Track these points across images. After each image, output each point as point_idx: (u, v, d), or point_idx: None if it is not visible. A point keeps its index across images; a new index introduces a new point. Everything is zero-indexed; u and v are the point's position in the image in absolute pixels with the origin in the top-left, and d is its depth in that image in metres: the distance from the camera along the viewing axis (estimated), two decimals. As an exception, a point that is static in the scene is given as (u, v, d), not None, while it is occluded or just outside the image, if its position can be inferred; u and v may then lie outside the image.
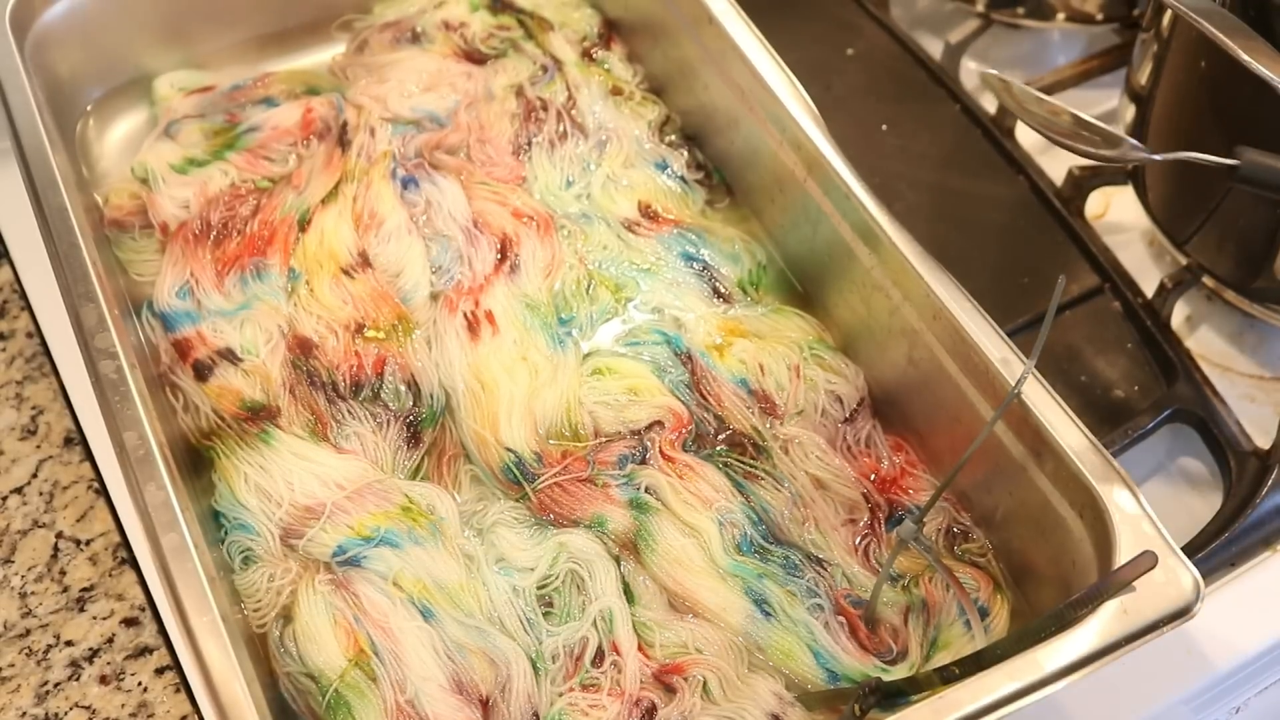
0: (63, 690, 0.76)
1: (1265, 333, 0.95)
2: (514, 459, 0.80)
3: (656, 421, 0.82)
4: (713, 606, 0.75)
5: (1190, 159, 0.75)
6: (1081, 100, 1.09)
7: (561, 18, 1.08)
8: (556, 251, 0.91)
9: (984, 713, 0.61)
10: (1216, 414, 0.88)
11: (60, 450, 0.85)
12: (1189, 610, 0.64)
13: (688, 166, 0.99)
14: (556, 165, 0.96)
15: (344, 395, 0.83)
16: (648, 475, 0.80)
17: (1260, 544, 0.83)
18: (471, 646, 0.73)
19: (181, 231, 0.91)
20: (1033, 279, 0.95)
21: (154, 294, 0.88)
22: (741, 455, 0.81)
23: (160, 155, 0.96)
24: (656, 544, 0.77)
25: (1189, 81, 0.88)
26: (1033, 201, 1.00)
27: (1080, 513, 0.70)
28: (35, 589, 0.80)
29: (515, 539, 0.78)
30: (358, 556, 0.75)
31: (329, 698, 0.71)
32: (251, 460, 0.79)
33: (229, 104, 1.00)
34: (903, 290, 0.79)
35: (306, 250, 0.89)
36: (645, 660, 0.73)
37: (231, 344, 0.85)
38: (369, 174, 0.94)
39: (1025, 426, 0.72)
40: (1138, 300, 0.94)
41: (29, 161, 0.82)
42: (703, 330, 0.87)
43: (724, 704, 0.71)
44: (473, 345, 0.85)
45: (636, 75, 1.06)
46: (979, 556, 0.78)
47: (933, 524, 0.79)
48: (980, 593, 0.76)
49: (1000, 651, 0.63)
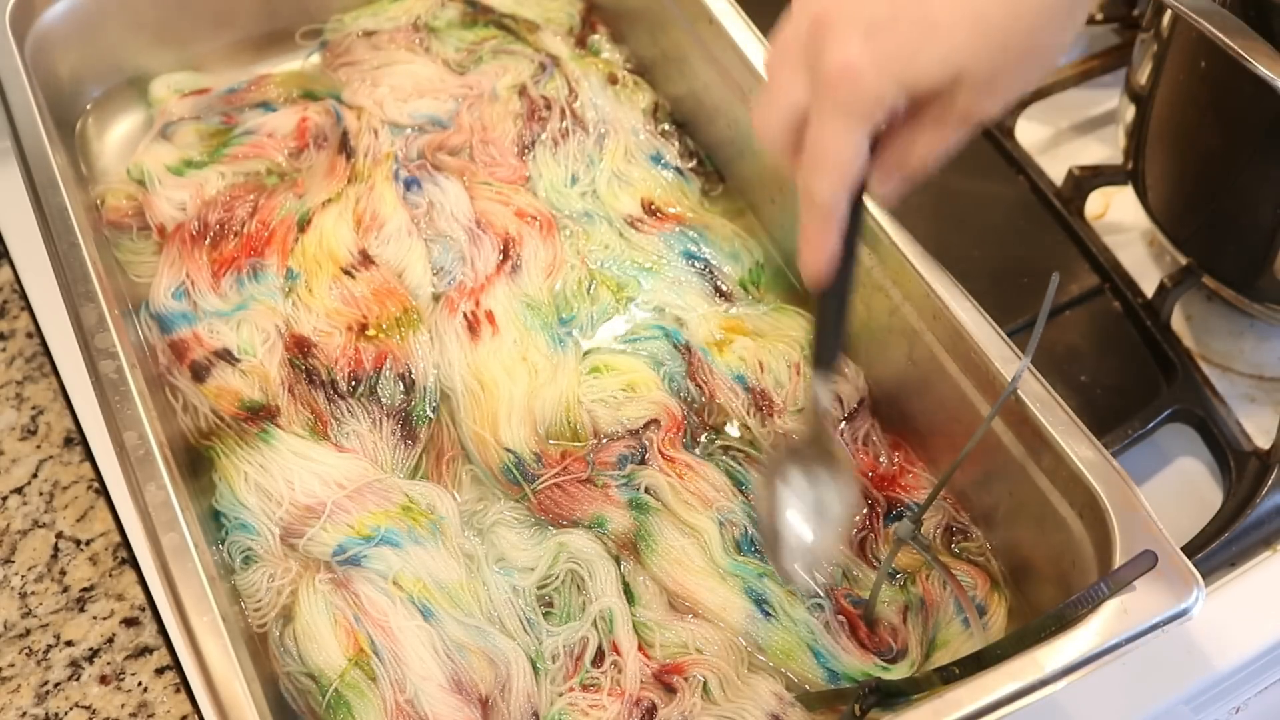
0: (63, 690, 0.76)
1: (1265, 333, 0.95)
2: (513, 459, 0.80)
3: (653, 420, 0.82)
4: (713, 606, 0.75)
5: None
6: (1081, 100, 1.09)
7: (542, 13, 1.07)
8: (558, 251, 0.91)
9: (984, 713, 0.61)
10: (1216, 414, 0.88)
11: (60, 450, 0.85)
12: (1189, 610, 0.64)
13: (680, 155, 0.99)
14: (561, 163, 0.96)
15: (343, 394, 0.83)
16: (647, 476, 0.80)
17: (1260, 544, 0.83)
18: (471, 646, 0.73)
19: (178, 233, 0.91)
20: (1033, 279, 0.95)
21: (150, 295, 0.88)
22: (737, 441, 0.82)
23: (156, 157, 0.96)
24: (656, 544, 0.77)
25: (1189, 81, 0.88)
26: (1033, 201, 1.00)
27: (1080, 513, 0.70)
28: (35, 589, 0.80)
29: (515, 539, 0.78)
30: (358, 556, 0.75)
31: (329, 697, 0.71)
32: (251, 460, 0.79)
33: (225, 106, 1.00)
34: (903, 290, 0.79)
35: (305, 251, 0.89)
36: (645, 660, 0.73)
37: (228, 344, 0.85)
38: (372, 175, 0.94)
39: (1025, 426, 0.72)
40: (1138, 300, 0.94)
41: (29, 161, 0.82)
42: (704, 329, 0.87)
43: (724, 704, 0.71)
44: (473, 345, 0.85)
45: (622, 56, 1.06)
46: (977, 555, 0.78)
47: (931, 522, 0.79)
48: (977, 591, 0.76)
49: (1000, 651, 0.63)
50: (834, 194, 0.56)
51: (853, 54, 0.53)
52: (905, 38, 0.53)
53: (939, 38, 0.53)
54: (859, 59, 0.53)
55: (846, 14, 0.54)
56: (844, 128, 0.54)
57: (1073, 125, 1.08)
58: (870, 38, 0.53)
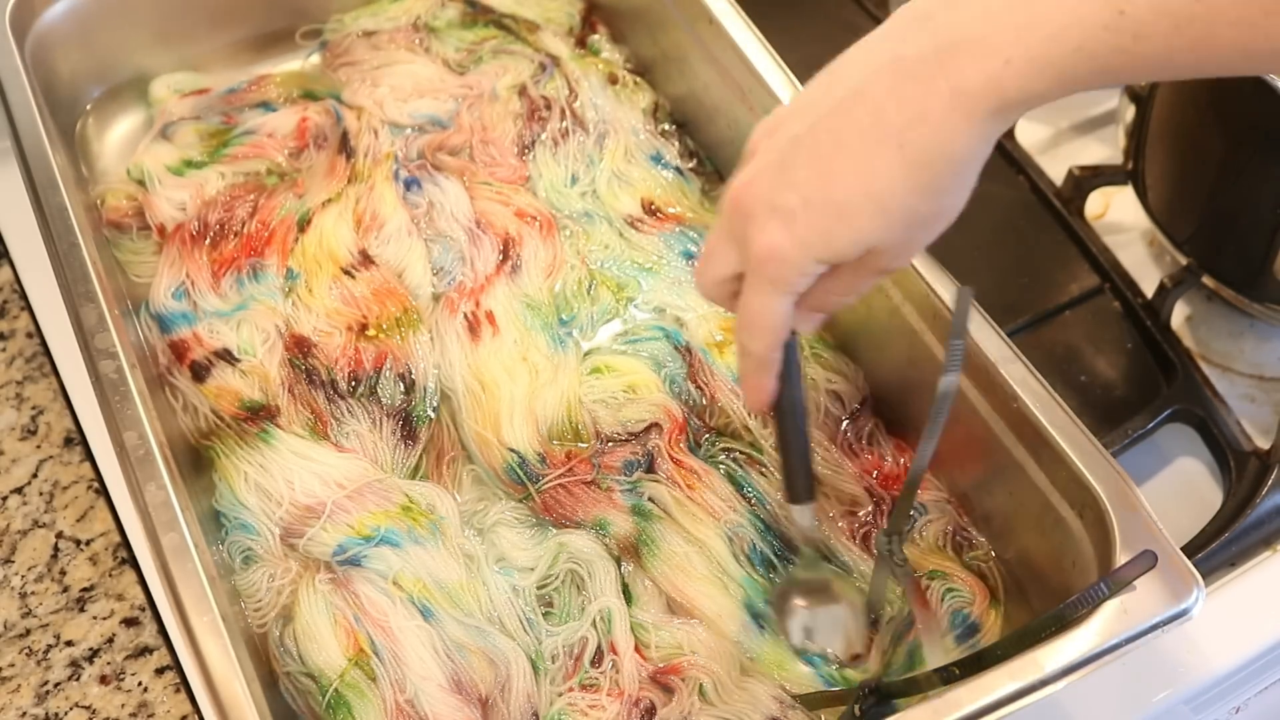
0: (63, 690, 0.76)
1: (1265, 333, 0.94)
2: (517, 459, 0.80)
3: (655, 424, 0.82)
4: (709, 614, 0.75)
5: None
6: (1081, 100, 1.09)
7: (542, 13, 1.07)
8: (558, 252, 0.91)
9: (984, 713, 0.61)
10: (1216, 414, 0.88)
11: (60, 450, 0.85)
12: (1189, 610, 0.64)
13: (680, 155, 0.99)
14: (561, 163, 0.96)
15: (343, 394, 0.83)
16: (653, 487, 0.79)
17: (1260, 544, 0.83)
18: (471, 646, 0.73)
19: (178, 233, 0.91)
20: (1033, 279, 0.95)
21: (150, 295, 0.88)
22: (738, 442, 0.82)
23: (156, 157, 0.96)
24: (659, 549, 0.77)
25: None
26: (1033, 201, 1.00)
27: (1080, 513, 0.70)
28: (35, 589, 0.80)
29: (515, 539, 0.78)
30: (358, 556, 0.75)
31: (329, 697, 0.71)
32: (252, 460, 0.79)
33: (225, 106, 1.00)
34: (903, 290, 0.79)
35: (305, 251, 0.89)
36: (641, 661, 0.73)
37: (228, 344, 0.85)
38: (372, 175, 0.94)
39: (1025, 426, 0.72)
40: (1138, 300, 0.94)
41: (29, 161, 0.82)
42: (704, 329, 0.87)
43: (721, 706, 0.71)
44: (473, 346, 0.85)
45: (622, 56, 1.06)
46: (982, 560, 0.78)
47: (936, 526, 0.79)
48: (974, 607, 0.75)
49: (1000, 651, 0.63)
50: (768, 350, 0.63)
51: (775, 239, 0.58)
52: (819, 223, 0.57)
53: (848, 222, 0.56)
54: (781, 243, 0.58)
55: (762, 203, 0.58)
56: (773, 299, 0.60)
57: (1073, 125, 1.08)
58: (788, 224, 0.57)
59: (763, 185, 0.58)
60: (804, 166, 0.57)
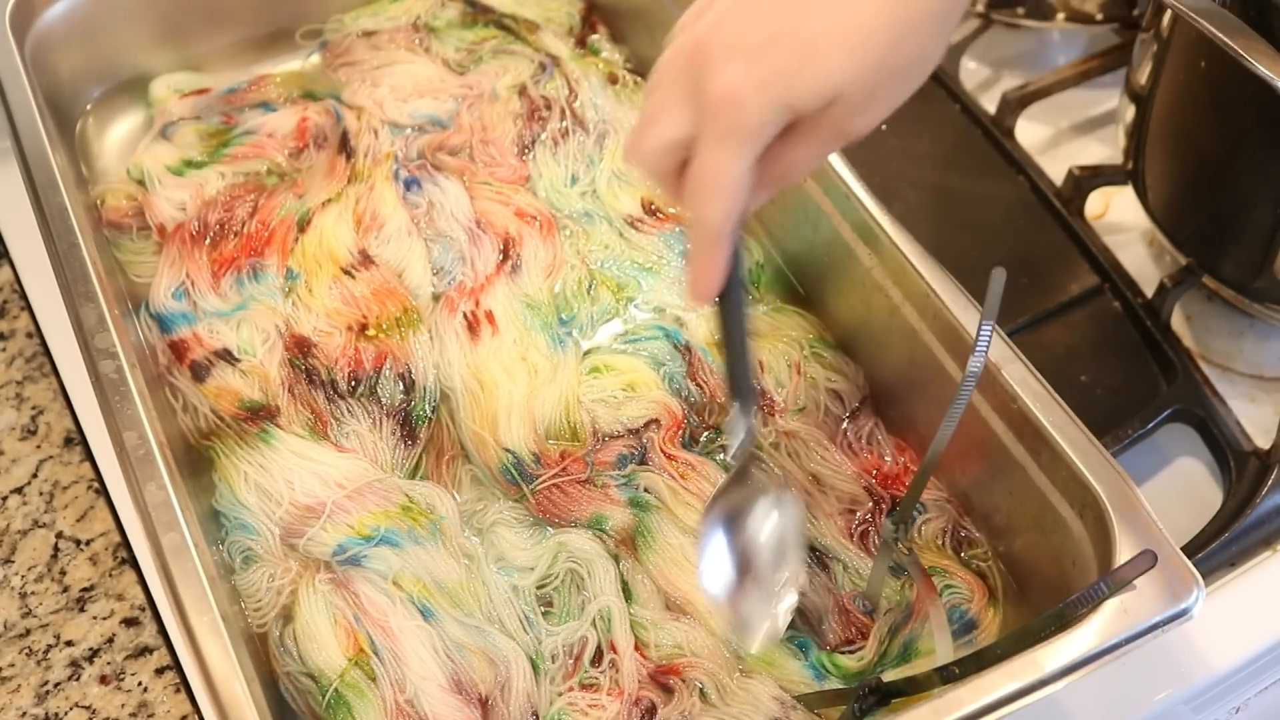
0: (63, 690, 0.76)
1: (1265, 333, 0.94)
2: (512, 460, 0.80)
3: (654, 420, 0.82)
4: (702, 609, 0.75)
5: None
6: (1081, 100, 1.09)
7: (542, 13, 1.07)
8: (558, 251, 0.91)
9: (984, 712, 0.61)
10: (1216, 414, 0.88)
11: (60, 450, 0.85)
12: (1189, 610, 0.64)
13: None
14: (560, 163, 0.96)
15: (343, 394, 0.83)
16: (647, 478, 0.80)
17: (1260, 544, 0.83)
18: (471, 646, 0.73)
19: (178, 233, 0.91)
20: (1033, 279, 0.95)
21: (150, 295, 0.88)
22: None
23: (156, 157, 0.96)
24: (655, 541, 0.77)
25: (1189, 81, 0.88)
26: (1033, 201, 1.00)
27: (1080, 513, 0.70)
28: (35, 589, 0.80)
29: (515, 539, 0.78)
30: (358, 555, 0.75)
31: (329, 697, 0.71)
32: (251, 460, 0.79)
33: (225, 106, 1.00)
34: (903, 290, 0.79)
35: (305, 251, 0.89)
36: (641, 660, 0.73)
37: (228, 344, 0.85)
38: (372, 175, 0.94)
39: (1025, 426, 0.72)
40: (1138, 300, 0.94)
41: (29, 161, 0.82)
42: (704, 328, 0.87)
43: (721, 707, 0.71)
44: (472, 345, 0.85)
45: (622, 56, 1.06)
46: (982, 560, 0.78)
47: (935, 524, 0.79)
48: (973, 604, 0.75)
49: (1000, 651, 0.63)
50: (725, 218, 0.57)
51: (734, 80, 0.54)
52: (785, 61, 0.53)
53: (818, 59, 0.53)
54: (741, 85, 0.54)
55: (725, 42, 0.54)
56: (731, 154, 0.55)
57: (1073, 125, 1.09)
58: (750, 63, 0.54)
59: (728, 27, 0.55)
60: (773, 1, 0.54)
